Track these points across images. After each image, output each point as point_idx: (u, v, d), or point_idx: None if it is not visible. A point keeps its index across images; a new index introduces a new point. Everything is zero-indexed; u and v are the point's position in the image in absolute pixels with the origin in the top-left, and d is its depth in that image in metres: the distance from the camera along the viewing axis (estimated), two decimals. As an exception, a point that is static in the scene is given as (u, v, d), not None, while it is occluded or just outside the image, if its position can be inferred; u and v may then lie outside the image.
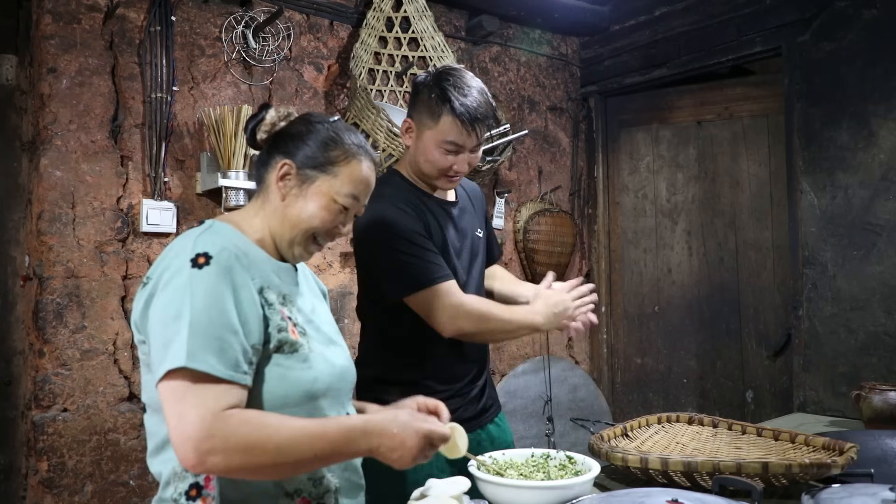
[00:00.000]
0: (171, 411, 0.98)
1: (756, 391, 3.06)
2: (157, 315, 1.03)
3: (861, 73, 2.53)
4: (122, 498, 2.23)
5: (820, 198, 2.63)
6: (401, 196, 1.60)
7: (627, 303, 3.46)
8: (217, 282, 1.03)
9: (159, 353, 1.00)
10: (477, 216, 1.80)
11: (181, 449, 0.96)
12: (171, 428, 0.97)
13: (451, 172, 1.60)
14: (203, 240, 1.08)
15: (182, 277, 1.03)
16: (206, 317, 1.00)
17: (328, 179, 1.17)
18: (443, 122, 1.55)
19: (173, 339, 0.99)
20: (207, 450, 0.94)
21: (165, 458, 1.08)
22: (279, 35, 2.60)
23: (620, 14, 3.35)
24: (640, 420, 1.76)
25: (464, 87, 1.56)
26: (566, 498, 1.25)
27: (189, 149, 2.43)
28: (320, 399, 1.14)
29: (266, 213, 1.19)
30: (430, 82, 1.58)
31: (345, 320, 2.74)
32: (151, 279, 1.08)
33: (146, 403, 1.12)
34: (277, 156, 1.19)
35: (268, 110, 1.22)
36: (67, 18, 2.22)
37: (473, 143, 1.58)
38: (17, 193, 2.31)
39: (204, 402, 0.96)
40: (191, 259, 1.04)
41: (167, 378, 0.98)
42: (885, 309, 2.44)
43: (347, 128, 1.23)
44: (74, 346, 2.18)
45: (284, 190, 1.17)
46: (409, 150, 1.66)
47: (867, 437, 1.66)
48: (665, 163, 3.38)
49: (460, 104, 1.53)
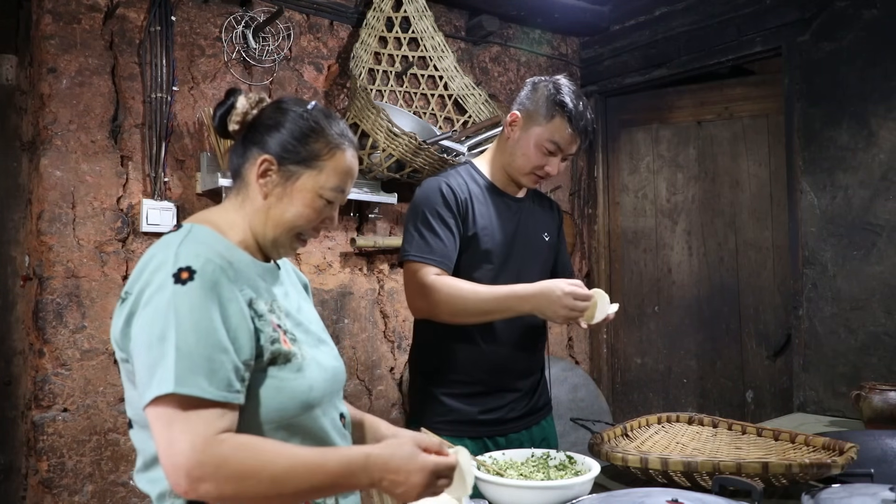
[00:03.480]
0: (161, 438, 0.93)
1: (756, 391, 3.06)
2: (140, 336, 0.97)
3: (861, 73, 2.53)
4: (121, 498, 2.23)
5: (820, 198, 2.63)
6: (454, 178, 1.70)
7: (627, 303, 3.46)
8: (203, 298, 0.97)
9: (145, 377, 0.95)
10: (546, 222, 1.85)
11: (172, 476, 0.92)
12: (161, 454, 0.94)
13: (540, 171, 1.68)
14: (185, 251, 1.01)
15: (164, 295, 0.96)
16: (194, 337, 0.95)
17: (313, 175, 1.11)
18: (555, 122, 1.64)
19: (159, 363, 0.94)
20: (199, 477, 0.91)
21: (154, 476, 1.04)
22: (279, 35, 2.60)
23: (620, 14, 3.34)
24: (640, 420, 1.76)
25: (580, 100, 1.65)
26: (566, 498, 1.25)
27: (189, 149, 2.43)
28: (316, 408, 1.11)
29: (247, 211, 1.12)
30: (551, 85, 1.67)
31: (345, 320, 2.74)
32: (131, 295, 1.01)
33: (132, 419, 1.07)
34: (255, 150, 1.11)
35: (237, 96, 1.13)
36: (67, 18, 2.22)
37: (572, 150, 1.68)
38: (17, 193, 2.31)
39: (194, 428, 0.92)
40: (173, 275, 0.97)
41: (155, 404, 0.93)
42: (885, 309, 2.44)
43: (327, 114, 1.15)
44: (74, 346, 2.18)
45: (266, 188, 1.11)
46: (501, 143, 1.74)
47: (867, 437, 1.66)
48: (665, 163, 3.38)
49: (576, 111, 1.63)
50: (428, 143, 2.58)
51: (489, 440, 1.69)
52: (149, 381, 0.94)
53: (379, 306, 2.85)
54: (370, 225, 2.82)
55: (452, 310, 1.59)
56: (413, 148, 2.50)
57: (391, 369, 2.86)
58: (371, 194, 2.71)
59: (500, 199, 1.74)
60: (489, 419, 1.68)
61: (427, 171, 2.61)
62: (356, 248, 2.73)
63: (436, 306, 1.59)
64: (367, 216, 2.80)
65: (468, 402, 1.67)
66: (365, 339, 2.80)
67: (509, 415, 1.71)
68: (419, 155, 2.53)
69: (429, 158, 2.56)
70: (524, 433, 1.75)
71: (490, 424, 1.68)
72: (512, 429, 1.72)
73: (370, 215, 2.79)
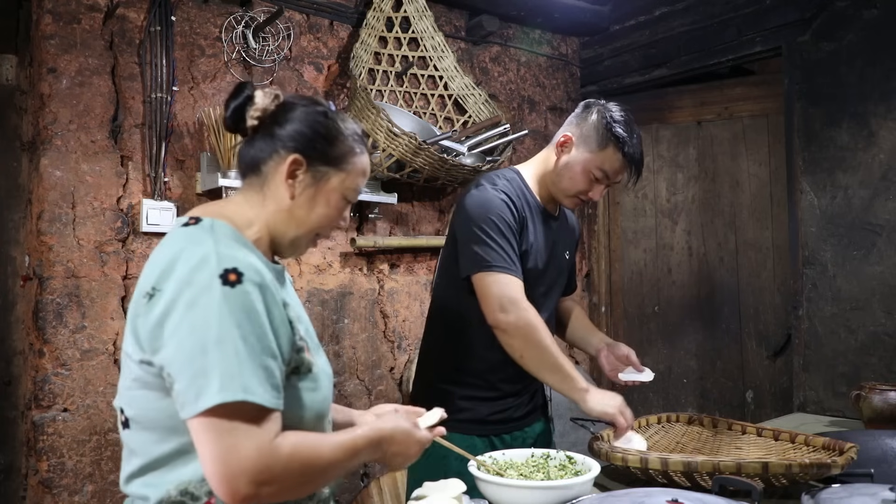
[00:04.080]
0: (218, 445, 0.89)
1: (756, 391, 3.06)
2: (187, 339, 0.92)
3: (861, 73, 2.53)
4: (121, 498, 2.22)
5: (820, 198, 2.63)
6: (512, 190, 1.67)
7: (627, 303, 3.46)
8: (254, 302, 0.94)
9: (195, 382, 0.90)
10: (569, 241, 1.85)
11: (229, 482, 0.89)
12: (214, 461, 0.90)
13: (584, 196, 1.68)
14: (225, 251, 0.97)
15: (214, 297, 0.92)
16: (253, 342, 0.92)
17: (341, 176, 1.10)
18: (608, 152, 1.62)
19: (215, 368, 0.90)
20: (264, 481, 0.90)
21: (154, 480, 0.99)
22: (279, 35, 2.60)
23: (620, 14, 3.34)
24: (640, 420, 1.76)
25: (634, 132, 1.64)
26: (566, 498, 1.25)
27: (189, 149, 2.43)
28: (325, 418, 1.12)
29: (268, 210, 1.08)
30: (604, 112, 1.65)
31: (345, 320, 2.74)
32: (162, 293, 0.95)
33: (132, 419, 1.02)
34: (281, 149, 1.07)
35: (253, 90, 1.08)
36: (67, 18, 2.22)
37: (619, 179, 1.68)
38: (17, 193, 2.31)
39: (258, 434, 0.91)
40: (220, 276, 0.93)
41: (210, 412, 0.89)
42: (885, 309, 2.44)
43: (342, 116, 1.15)
44: (74, 346, 2.18)
45: (296, 189, 1.08)
46: (547, 159, 1.72)
47: (867, 437, 1.66)
48: (665, 163, 3.38)
49: (630, 144, 1.62)
50: (428, 143, 2.58)
51: (496, 438, 1.71)
52: (202, 387, 0.90)
53: (379, 306, 2.85)
54: (370, 225, 2.82)
55: (527, 348, 1.56)
56: (413, 148, 2.50)
57: (391, 369, 2.86)
58: (371, 194, 2.71)
59: (543, 219, 1.73)
60: (497, 419, 1.71)
61: (427, 171, 2.61)
62: (356, 248, 2.73)
63: (519, 341, 1.56)
64: (367, 216, 2.80)
65: (482, 403, 1.69)
66: (365, 340, 2.80)
67: (515, 414, 1.74)
68: (419, 155, 2.53)
69: (429, 158, 2.56)
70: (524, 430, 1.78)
71: (496, 423, 1.71)
72: (514, 427, 1.74)
73: (370, 215, 2.79)
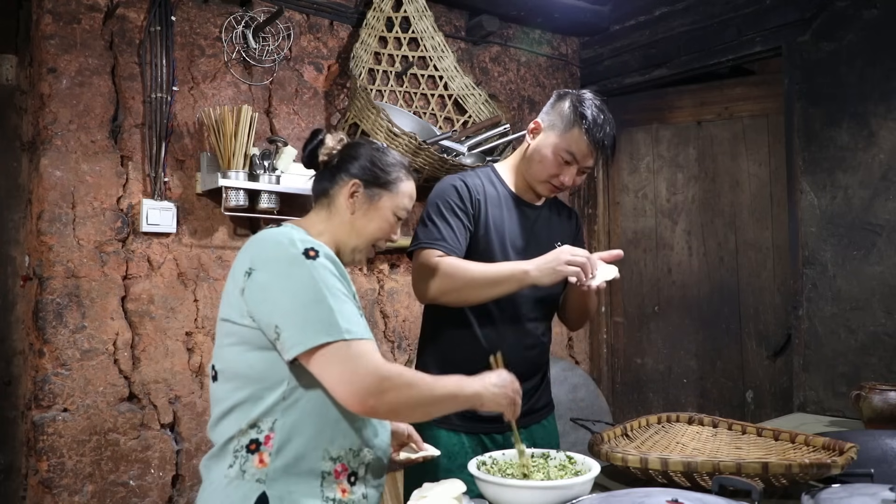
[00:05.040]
0: (343, 370, 1.15)
1: (756, 391, 3.06)
2: (286, 298, 1.18)
3: (861, 73, 2.53)
4: (121, 498, 2.23)
5: (820, 198, 2.63)
6: (471, 178, 1.73)
7: (627, 303, 3.46)
8: (332, 269, 1.22)
9: (303, 329, 1.16)
10: (562, 231, 1.85)
11: (358, 395, 1.15)
12: (342, 383, 1.15)
13: (556, 181, 1.70)
14: (301, 237, 1.24)
15: (303, 266, 1.19)
16: (338, 294, 1.20)
17: (391, 196, 1.39)
18: (573, 132, 1.65)
19: (318, 317, 1.16)
20: (386, 389, 1.15)
21: (231, 421, 1.23)
22: (279, 35, 2.60)
23: (620, 14, 3.34)
24: (640, 420, 1.76)
25: (601, 114, 1.66)
26: (566, 498, 1.25)
27: (189, 149, 2.43)
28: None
29: (334, 224, 1.38)
30: (573, 97, 1.69)
31: (345, 320, 2.74)
32: (259, 270, 1.21)
33: (220, 371, 1.26)
34: (345, 176, 1.38)
35: (324, 135, 1.41)
36: (67, 18, 2.22)
37: (588, 163, 1.69)
38: (17, 193, 2.31)
39: (372, 356, 1.17)
40: (302, 252, 1.20)
41: (322, 349, 1.15)
42: (885, 309, 2.44)
43: (391, 151, 1.45)
44: (74, 346, 2.18)
45: (354, 206, 1.37)
46: (522, 150, 1.77)
47: (867, 437, 1.66)
48: (665, 163, 3.38)
49: (595, 124, 1.64)
50: (428, 143, 2.58)
51: (486, 437, 1.69)
52: (312, 332, 1.16)
53: (379, 306, 2.85)
54: (370, 225, 2.82)
55: (453, 285, 1.58)
56: (413, 148, 2.50)
57: (391, 369, 2.85)
58: (371, 194, 2.70)
59: (516, 205, 1.75)
60: (487, 416, 1.64)
61: (427, 171, 2.61)
62: (356, 248, 2.72)
63: (437, 283, 1.58)
64: (367, 216, 2.79)
65: None
66: (365, 339, 2.80)
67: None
68: (419, 155, 2.53)
69: (429, 158, 2.56)
70: (523, 432, 1.73)
71: (486, 422, 1.66)
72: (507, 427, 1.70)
73: (370, 215, 2.79)
